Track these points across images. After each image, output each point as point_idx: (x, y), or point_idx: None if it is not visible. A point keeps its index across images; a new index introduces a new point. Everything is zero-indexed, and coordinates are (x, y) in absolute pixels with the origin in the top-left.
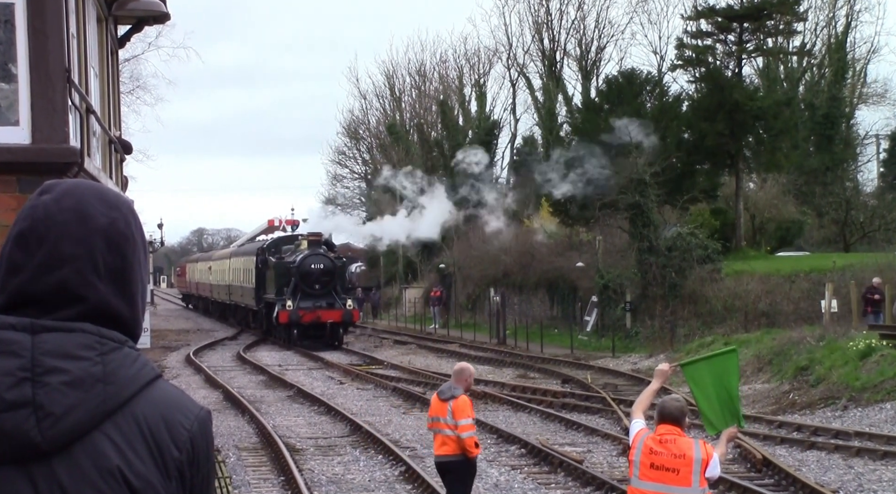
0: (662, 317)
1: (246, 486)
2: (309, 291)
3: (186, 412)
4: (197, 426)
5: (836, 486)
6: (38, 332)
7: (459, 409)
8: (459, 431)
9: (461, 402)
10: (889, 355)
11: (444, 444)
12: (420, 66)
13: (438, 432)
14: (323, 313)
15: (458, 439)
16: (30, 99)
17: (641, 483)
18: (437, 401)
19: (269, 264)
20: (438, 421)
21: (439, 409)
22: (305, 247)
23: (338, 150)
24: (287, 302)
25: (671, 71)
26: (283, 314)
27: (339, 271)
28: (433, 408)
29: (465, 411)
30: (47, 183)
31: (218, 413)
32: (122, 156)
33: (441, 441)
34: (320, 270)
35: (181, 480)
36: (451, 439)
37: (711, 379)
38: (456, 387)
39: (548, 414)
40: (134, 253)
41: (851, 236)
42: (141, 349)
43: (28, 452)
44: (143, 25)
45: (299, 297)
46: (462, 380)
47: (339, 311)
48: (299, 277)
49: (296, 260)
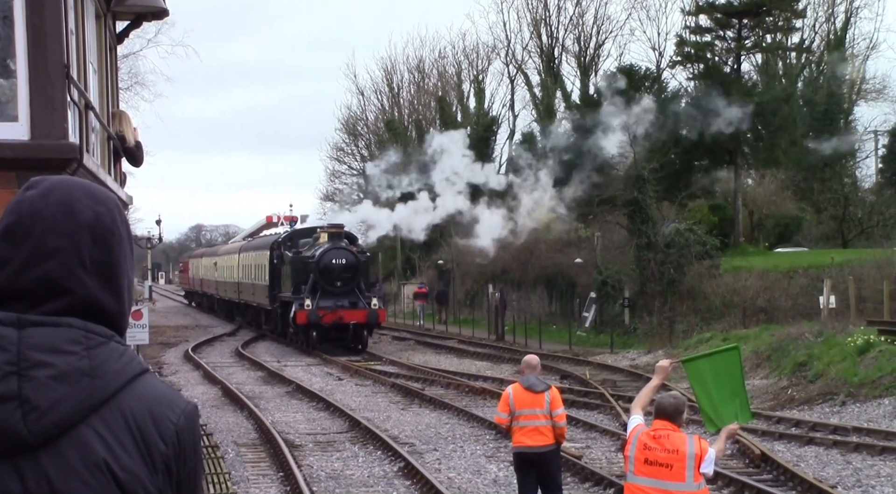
0: (661, 313)
1: (245, 482)
2: (330, 289)
3: (173, 406)
4: (184, 420)
5: (834, 481)
6: (25, 327)
7: (557, 399)
8: (557, 420)
9: (556, 392)
10: (887, 350)
11: (540, 434)
12: (419, 62)
13: (529, 424)
14: (345, 313)
15: (554, 428)
16: (28, 95)
17: (636, 479)
18: (530, 394)
19: (284, 259)
20: (534, 413)
21: (534, 401)
22: (325, 241)
23: (336, 147)
24: (305, 301)
25: (670, 67)
26: (301, 314)
27: (363, 267)
28: (524, 401)
29: (559, 400)
30: (33, 179)
31: (217, 409)
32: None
33: (535, 431)
34: (342, 266)
35: (168, 473)
36: (547, 429)
37: (712, 376)
38: (541, 378)
39: None
40: (120, 248)
41: (850, 232)
42: (139, 345)
43: (15, 445)
44: (141, 21)
45: (319, 296)
46: (539, 371)
47: (363, 311)
48: (319, 273)
49: (315, 254)
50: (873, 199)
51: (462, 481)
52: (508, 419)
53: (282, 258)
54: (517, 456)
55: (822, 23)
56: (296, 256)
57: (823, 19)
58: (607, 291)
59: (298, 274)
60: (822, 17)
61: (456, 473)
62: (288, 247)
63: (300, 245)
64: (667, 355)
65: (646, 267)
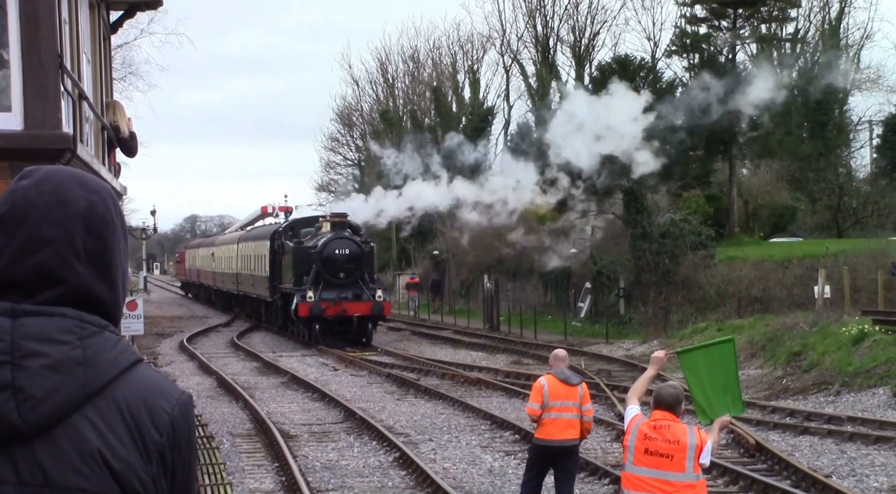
0: (656, 304)
1: (240, 472)
2: (333, 280)
3: (167, 396)
4: (178, 409)
5: (828, 471)
6: (19, 316)
7: (587, 393)
8: (587, 414)
9: (586, 387)
10: (881, 340)
11: (572, 428)
12: (413, 52)
13: (561, 416)
14: (349, 306)
15: (582, 422)
16: (22, 85)
17: (636, 469)
18: (564, 386)
19: (285, 249)
20: (567, 405)
21: (567, 394)
22: (328, 230)
23: (331, 137)
24: (307, 292)
25: (665, 57)
26: (303, 307)
27: (367, 257)
28: (558, 394)
29: (589, 395)
30: (27, 168)
31: (212, 400)
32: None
33: (567, 424)
34: (346, 256)
35: (162, 463)
36: (576, 422)
37: (706, 368)
38: (573, 372)
39: None
40: (114, 238)
41: (844, 222)
42: (134, 336)
43: (9, 435)
44: (135, 11)
45: (321, 287)
46: (567, 364)
47: (367, 303)
48: (321, 264)
49: (317, 244)
50: (868, 189)
51: (457, 471)
52: (541, 410)
53: (283, 248)
54: (541, 449)
55: (817, 13)
56: (297, 246)
57: (818, 9)
58: (602, 281)
59: (300, 264)
60: (816, 6)
61: (451, 463)
62: (289, 237)
63: (302, 234)
64: (662, 345)
65: (641, 257)
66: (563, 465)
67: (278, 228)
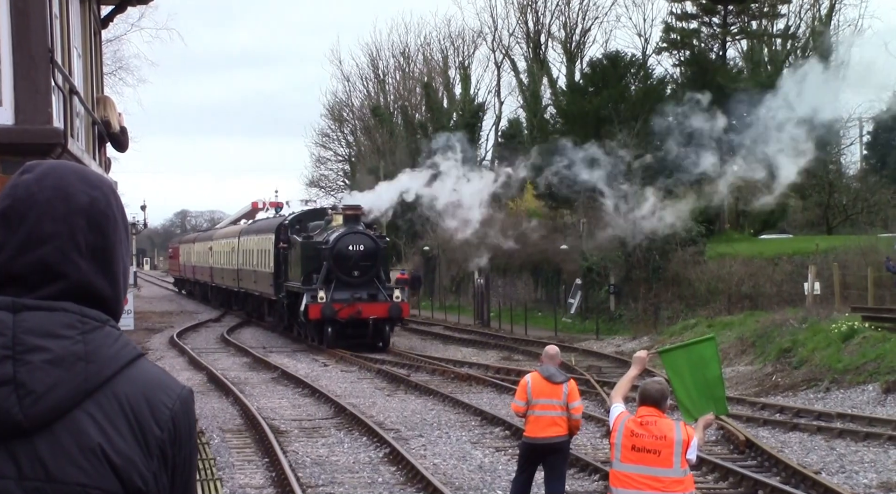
0: (646, 300)
1: (230, 468)
2: (346, 279)
3: (168, 391)
4: (179, 404)
5: (818, 467)
6: (20, 311)
7: (574, 390)
8: (574, 412)
9: (574, 385)
10: (871, 337)
11: (556, 425)
12: (404, 48)
13: (546, 414)
14: (364, 307)
15: (569, 419)
16: (13, 79)
17: (623, 466)
18: (548, 384)
19: (292, 244)
20: (551, 404)
21: (552, 392)
22: (340, 224)
23: (322, 133)
24: (318, 292)
25: (656, 54)
26: (315, 308)
27: (383, 254)
28: (542, 391)
29: (577, 392)
30: (29, 163)
31: (202, 395)
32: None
33: (551, 422)
34: (360, 253)
35: (163, 458)
36: (562, 420)
37: (689, 367)
38: (560, 370)
39: None
40: (115, 233)
41: (834, 219)
42: (124, 331)
43: (10, 430)
44: (125, 6)
45: (333, 287)
46: (558, 362)
47: (384, 305)
48: (333, 261)
49: (328, 239)
50: (858, 186)
51: (447, 467)
52: (525, 407)
53: (289, 243)
54: (527, 447)
55: (808, 9)
56: (306, 241)
57: (808, 5)
58: (593, 278)
59: (309, 261)
60: (807, 3)
61: (441, 459)
62: (296, 231)
63: (310, 228)
64: (652, 341)
65: (631, 253)
66: (551, 462)
67: (284, 221)
